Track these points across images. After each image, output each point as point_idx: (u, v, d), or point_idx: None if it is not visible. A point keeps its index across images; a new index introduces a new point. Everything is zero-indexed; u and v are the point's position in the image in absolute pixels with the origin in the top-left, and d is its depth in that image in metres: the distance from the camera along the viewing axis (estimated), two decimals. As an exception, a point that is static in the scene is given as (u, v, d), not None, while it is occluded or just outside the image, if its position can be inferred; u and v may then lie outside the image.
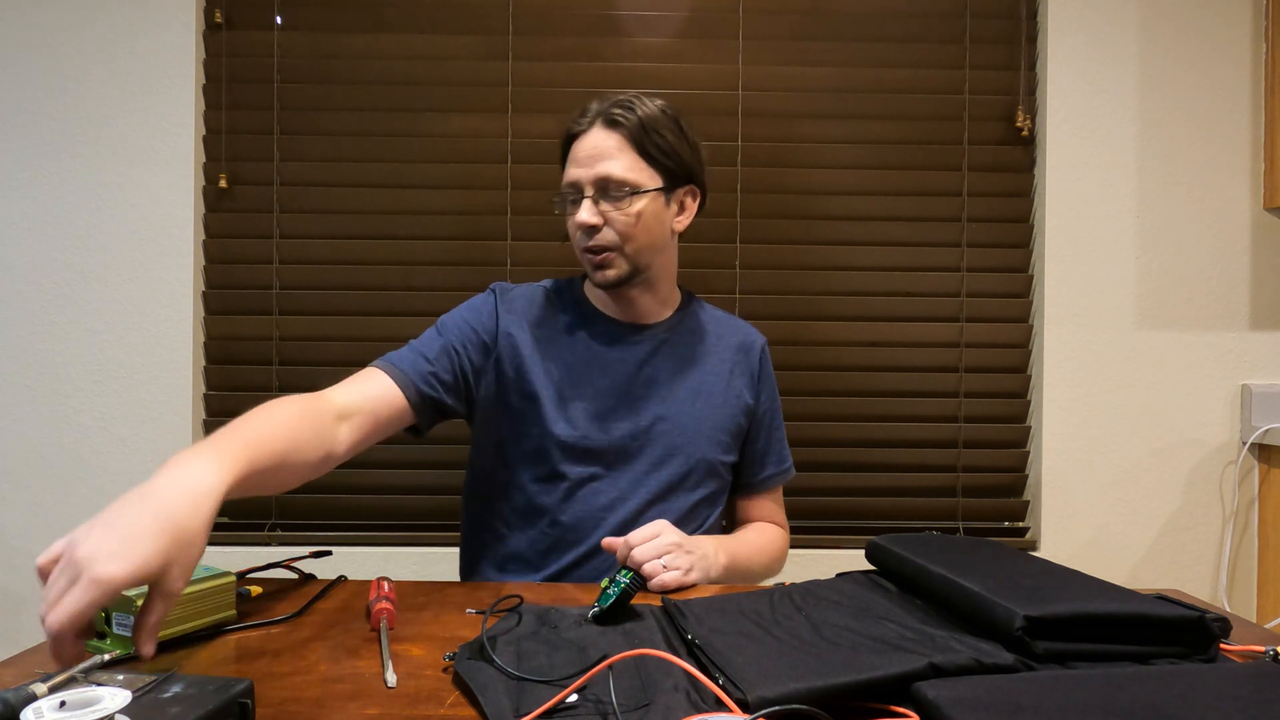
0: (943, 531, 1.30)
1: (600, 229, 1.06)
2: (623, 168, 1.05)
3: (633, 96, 1.08)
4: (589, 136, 1.06)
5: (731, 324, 1.24)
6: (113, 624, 0.72)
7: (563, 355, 1.12)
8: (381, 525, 1.69)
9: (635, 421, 1.10)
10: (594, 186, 1.05)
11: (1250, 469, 1.71)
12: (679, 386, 1.13)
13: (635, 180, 1.06)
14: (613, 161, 1.05)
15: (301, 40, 1.70)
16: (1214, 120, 1.71)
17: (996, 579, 0.70)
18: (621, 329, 1.14)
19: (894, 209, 1.72)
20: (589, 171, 1.05)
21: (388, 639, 0.73)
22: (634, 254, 1.08)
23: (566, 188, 1.08)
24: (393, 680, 0.65)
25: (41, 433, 1.66)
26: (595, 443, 1.08)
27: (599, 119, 1.07)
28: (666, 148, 1.08)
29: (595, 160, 1.05)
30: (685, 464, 1.11)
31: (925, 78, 1.72)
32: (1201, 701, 0.53)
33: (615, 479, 1.09)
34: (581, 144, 1.07)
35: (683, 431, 1.11)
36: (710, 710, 0.56)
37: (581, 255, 1.09)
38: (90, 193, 1.66)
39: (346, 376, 1.80)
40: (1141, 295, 1.70)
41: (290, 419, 0.87)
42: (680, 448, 1.11)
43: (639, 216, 1.06)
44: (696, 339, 1.18)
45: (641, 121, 1.06)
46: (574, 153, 1.07)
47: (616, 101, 1.07)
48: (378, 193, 1.70)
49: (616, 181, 1.05)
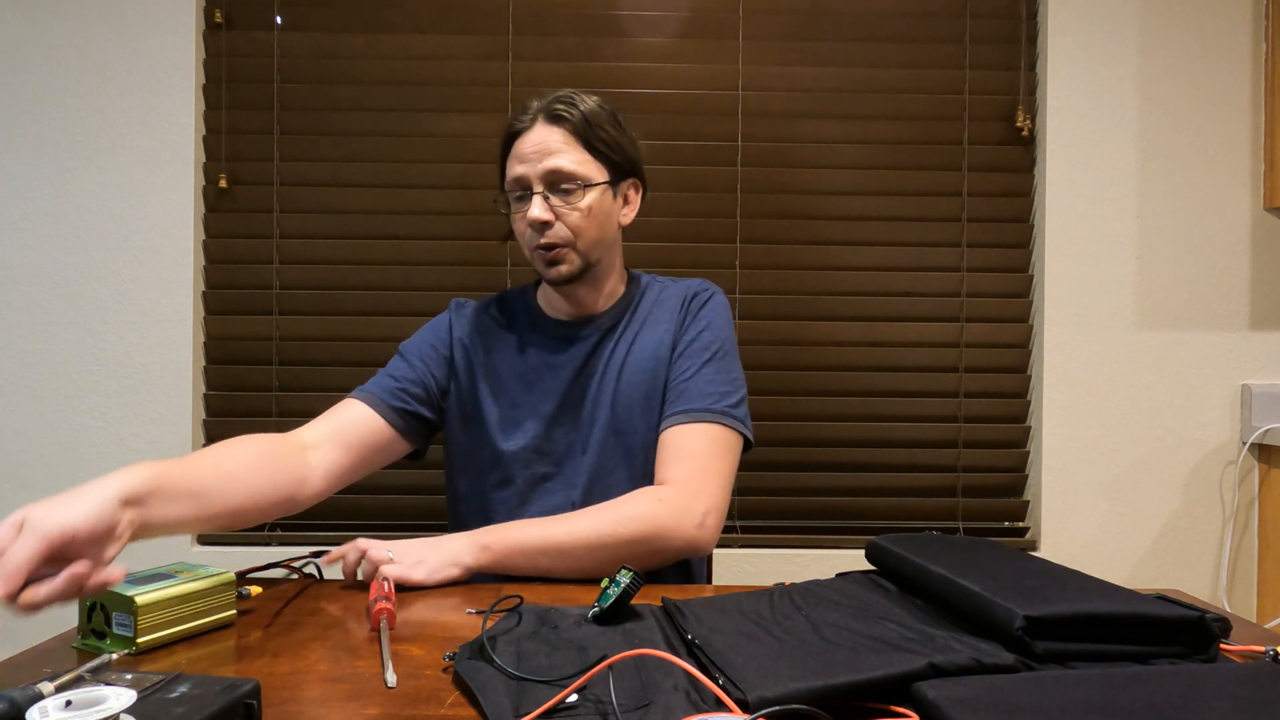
0: (943, 531, 1.30)
1: (552, 225, 1.04)
2: (571, 161, 1.04)
3: (571, 93, 1.07)
4: (533, 133, 1.04)
5: (676, 286, 1.17)
6: (113, 624, 0.72)
7: (511, 364, 1.13)
8: (381, 525, 1.69)
9: (578, 419, 1.09)
10: (542, 182, 1.04)
11: (1250, 469, 1.71)
12: (620, 372, 1.10)
13: (584, 174, 1.05)
14: (560, 156, 1.03)
15: (301, 40, 1.70)
16: (1214, 120, 1.70)
17: (996, 579, 0.70)
18: (567, 328, 1.14)
19: (894, 209, 1.72)
20: (536, 167, 1.03)
21: (388, 639, 0.73)
22: (586, 249, 1.07)
23: (511, 185, 1.06)
24: (393, 680, 0.65)
25: (41, 433, 1.66)
26: (542, 447, 1.09)
27: (541, 114, 1.05)
28: (610, 140, 1.07)
29: (542, 155, 1.03)
30: (630, 446, 1.08)
31: (925, 78, 1.72)
32: (1201, 701, 0.53)
33: (566, 476, 1.09)
34: (526, 140, 1.05)
35: (625, 417, 1.09)
36: (710, 710, 0.56)
37: (532, 254, 1.08)
38: (90, 193, 1.66)
39: (345, 377, 1.80)
40: (1141, 295, 1.70)
41: (244, 452, 0.92)
42: (624, 433, 1.08)
43: (589, 211, 1.05)
44: (641, 317, 1.14)
45: (585, 115, 1.05)
46: (518, 149, 1.05)
47: (557, 98, 1.06)
48: (378, 193, 1.70)
49: (566, 175, 1.03)
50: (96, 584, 0.66)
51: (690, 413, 1.05)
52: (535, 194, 1.03)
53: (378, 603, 0.78)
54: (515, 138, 1.06)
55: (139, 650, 0.71)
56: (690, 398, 1.06)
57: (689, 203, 1.70)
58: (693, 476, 1.01)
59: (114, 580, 0.68)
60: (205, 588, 0.77)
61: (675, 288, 1.17)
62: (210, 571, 0.79)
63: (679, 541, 0.98)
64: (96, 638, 0.73)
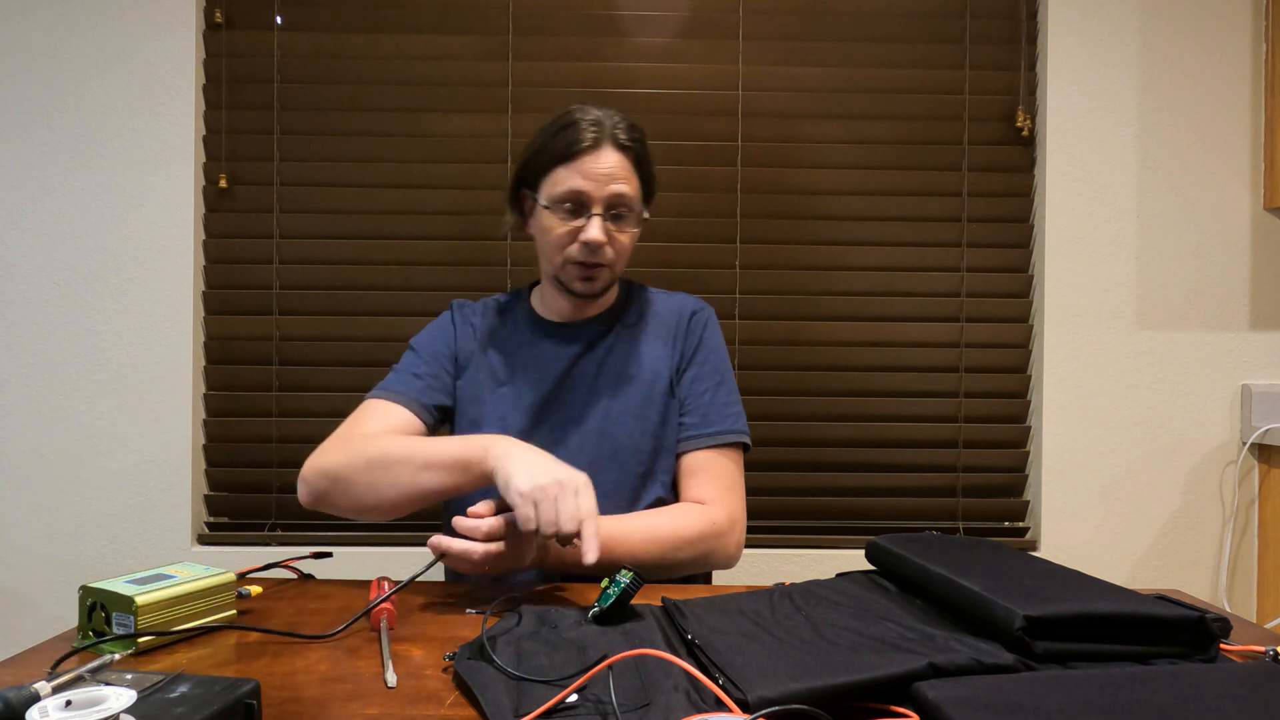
0: (943, 531, 1.30)
1: (603, 247, 1.07)
2: (631, 191, 1.08)
3: (629, 119, 1.10)
4: (603, 155, 1.06)
5: (670, 300, 1.21)
6: (113, 624, 0.72)
7: (506, 361, 1.16)
8: (381, 525, 1.69)
9: (565, 417, 1.12)
10: (603, 205, 1.06)
11: (1250, 469, 1.71)
12: (613, 376, 1.13)
13: (638, 205, 1.10)
14: (625, 184, 1.07)
15: (301, 40, 1.70)
16: (1214, 120, 1.71)
17: (996, 579, 0.70)
18: (561, 329, 1.17)
19: (894, 209, 1.72)
20: (604, 189, 1.06)
21: (388, 639, 0.73)
22: (619, 270, 1.13)
23: (566, 195, 1.06)
24: (393, 680, 0.65)
25: (41, 433, 1.66)
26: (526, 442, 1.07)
27: (609, 140, 1.07)
28: (652, 174, 1.13)
29: (610, 180, 1.06)
30: (617, 447, 1.10)
31: (925, 78, 1.72)
32: (1201, 701, 0.53)
33: None
34: (595, 160, 1.06)
35: (616, 419, 1.11)
36: (710, 710, 0.56)
37: (567, 265, 1.09)
38: (90, 193, 1.66)
39: (345, 376, 1.79)
40: (1141, 295, 1.70)
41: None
42: (612, 434, 1.10)
43: (632, 238, 1.12)
44: (632, 323, 1.18)
45: (643, 147, 1.10)
46: (583, 165, 1.06)
47: (620, 124, 1.08)
48: (377, 193, 1.70)
49: (626, 204, 1.08)
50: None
51: (717, 435, 1.12)
52: (595, 215, 1.06)
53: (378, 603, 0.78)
54: (576, 151, 1.06)
55: (139, 650, 0.71)
56: (713, 420, 1.12)
57: (689, 203, 1.70)
58: (726, 497, 1.09)
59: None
60: (205, 588, 0.77)
61: (669, 301, 1.20)
62: (210, 572, 0.79)
63: (723, 561, 1.07)
64: (96, 638, 0.73)
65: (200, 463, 1.70)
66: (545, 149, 1.09)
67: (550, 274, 1.13)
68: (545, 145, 1.09)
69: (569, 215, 1.07)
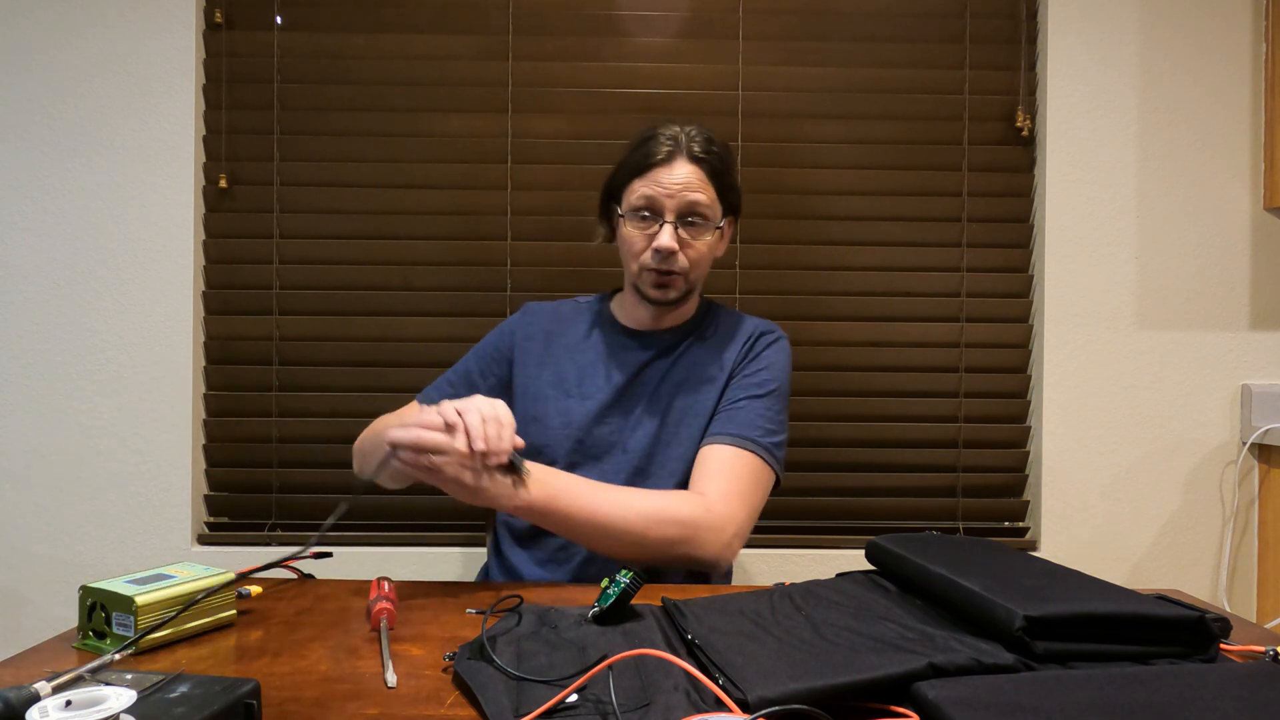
0: (943, 531, 1.30)
1: (676, 254, 1.11)
2: (705, 201, 1.12)
3: (706, 133, 1.14)
4: (677, 167, 1.11)
5: (747, 321, 1.24)
6: (113, 624, 0.72)
7: (573, 357, 1.21)
8: (381, 525, 1.69)
9: (624, 420, 1.16)
10: (676, 214, 1.11)
11: (1250, 469, 1.71)
12: (676, 386, 1.17)
13: (713, 214, 1.14)
14: (699, 195, 1.11)
15: (301, 40, 1.70)
16: (1214, 120, 1.70)
17: (996, 579, 0.70)
18: (635, 335, 1.21)
19: (894, 209, 1.72)
20: (677, 200, 1.10)
21: (388, 639, 0.73)
22: (694, 279, 1.16)
23: (640, 202, 1.12)
24: (393, 680, 0.65)
25: (41, 433, 1.66)
26: (584, 439, 1.15)
27: (684, 153, 1.11)
28: (733, 185, 1.16)
29: (684, 190, 1.10)
30: (670, 456, 1.14)
31: (925, 78, 1.72)
32: (1201, 701, 0.53)
33: (603, 471, 1.13)
34: (670, 172, 1.10)
35: (672, 430, 1.15)
36: (710, 710, 0.56)
37: (643, 273, 1.14)
38: (90, 193, 1.66)
39: (345, 376, 1.79)
40: (1141, 295, 1.70)
41: None
42: (668, 443, 1.14)
43: (708, 247, 1.15)
44: (704, 338, 1.22)
45: (721, 159, 1.13)
46: (658, 177, 1.11)
47: (696, 136, 1.12)
48: (378, 193, 1.70)
49: (700, 211, 1.11)
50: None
51: (737, 437, 1.10)
52: (667, 223, 1.11)
53: (378, 603, 0.78)
54: (652, 163, 1.11)
55: (139, 650, 0.71)
56: (739, 423, 1.12)
57: (689, 203, 1.70)
58: (730, 497, 1.05)
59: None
60: (205, 588, 0.77)
61: (746, 322, 1.24)
62: (210, 571, 0.79)
63: (705, 555, 1.01)
64: (97, 638, 0.73)
65: (200, 463, 1.70)
66: (626, 163, 1.15)
67: (630, 282, 1.19)
68: (626, 160, 1.15)
69: (644, 223, 1.12)
